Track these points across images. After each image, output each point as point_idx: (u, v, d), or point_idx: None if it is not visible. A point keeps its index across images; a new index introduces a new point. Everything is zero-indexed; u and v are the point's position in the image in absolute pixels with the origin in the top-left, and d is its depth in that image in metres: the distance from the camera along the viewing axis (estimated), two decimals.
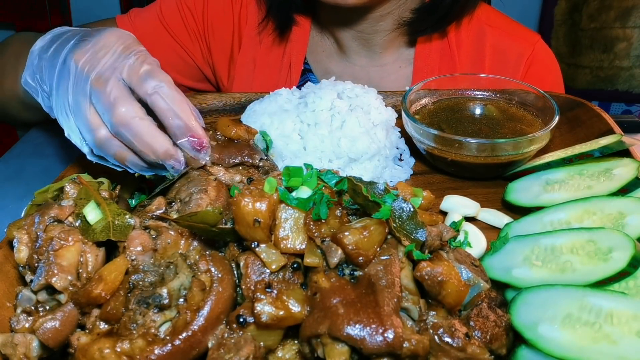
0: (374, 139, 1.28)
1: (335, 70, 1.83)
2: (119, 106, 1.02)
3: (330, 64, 1.83)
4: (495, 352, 0.82)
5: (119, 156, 1.07)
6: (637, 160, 1.15)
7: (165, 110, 1.03)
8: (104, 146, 1.06)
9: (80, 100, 1.06)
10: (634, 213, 0.99)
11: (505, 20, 1.86)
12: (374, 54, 1.81)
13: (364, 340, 0.73)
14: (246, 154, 1.11)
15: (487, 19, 1.79)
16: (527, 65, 1.77)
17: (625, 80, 3.67)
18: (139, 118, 1.03)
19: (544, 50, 1.82)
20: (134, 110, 1.03)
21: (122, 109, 1.02)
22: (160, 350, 0.76)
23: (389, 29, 1.74)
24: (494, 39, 1.78)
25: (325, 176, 0.95)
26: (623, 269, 0.86)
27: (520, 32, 1.82)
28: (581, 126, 1.43)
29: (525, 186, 1.22)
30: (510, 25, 1.85)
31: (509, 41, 1.78)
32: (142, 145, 1.03)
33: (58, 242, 0.87)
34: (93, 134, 1.05)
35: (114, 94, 1.03)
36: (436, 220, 0.99)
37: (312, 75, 1.84)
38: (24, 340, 0.82)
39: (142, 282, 0.83)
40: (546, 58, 1.83)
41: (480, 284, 0.90)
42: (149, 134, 1.03)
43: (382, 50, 1.80)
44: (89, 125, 1.05)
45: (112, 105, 1.02)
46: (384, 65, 1.83)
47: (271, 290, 0.80)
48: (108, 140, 1.06)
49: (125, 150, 1.06)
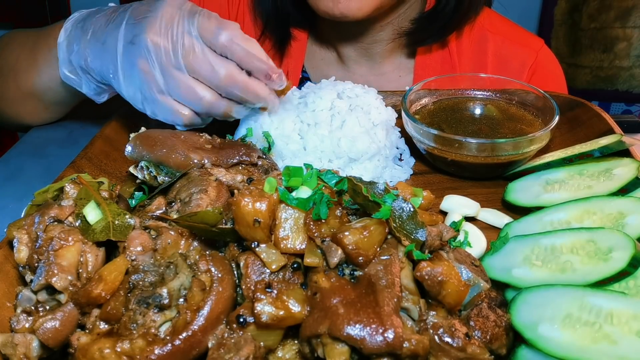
0: (374, 139, 1.28)
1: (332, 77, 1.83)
2: (221, 69, 1.14)
3: (329, 72, 1.81)
4: (495, 352, 0.82)
5: (226, 112, 1.21)
6: (637, 160, 1.15)
7: (246, 57, 1.15)
8: (214, 108, 1.18)
9: (176, 74, 1.15)
10: (634, 213, 0.99)
11: (508, 26, 1.83)
12: (374, 63, 1.80)
13: (364, 340, 0.73)
14: (243, 152, 1.12)
15: (489, 25, 1.77)
16: (530, 73, 1.75)
17: (625, 80, 3.67)
18: (238, 73, 1.15)
19: (547, 57, 1.80)
20: (233, 68, 1.15)
21: (224, 71, 1.14)
22: (161, 350, 0.76)
23: (388, 38, 1.73)
24: (496, 46, 1.76)
25: (325, 176, 0.95)
26: (623, 269, 0.86)
27: (523, 38, 1.79)
28: (581, 126, 1.43)
29: (525, 186, 1.22)
30: (513, 30, 1.82)
31: (511, 48, 1.76)
32: (250, 95, 1.17)
33: (58, 242, 0.87)
34: (201, 102, 1.16)
35: (209, 58, 1.13)
36: (436, 220, 0.99)
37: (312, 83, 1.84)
38: (24, 340, 0.82)
39: (142, 282, 0.83)
40: (549, 65, 1.81)
41: (480, 284, 0.90)
42: (252, 83, 1.17)
43: (381, 59, 1.79)
44: (196, 95, 1.16)
45: (215, 71, 1.13)
46: (384, 74, 1.81)
47: (271, 290, 0.79)
48: (217, 102, 1.18)
49: (231, 105, 1.20)
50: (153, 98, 1.18)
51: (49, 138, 1.59)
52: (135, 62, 1.15)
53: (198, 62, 1.14)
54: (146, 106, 1.21)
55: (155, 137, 1.13)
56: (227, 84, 1.15)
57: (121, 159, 1.32)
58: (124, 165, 1.29)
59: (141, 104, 1.21)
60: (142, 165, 1.15)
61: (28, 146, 1.57)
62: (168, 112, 1.20)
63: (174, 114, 1.20)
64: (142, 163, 1.14)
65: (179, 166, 1.08)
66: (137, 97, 1.20)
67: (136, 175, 1.16)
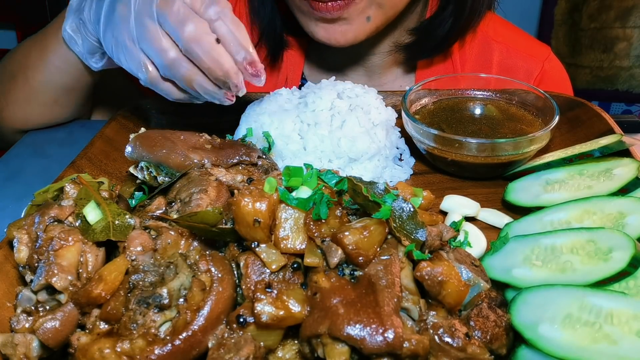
0: (374, 139, 1.28)
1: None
2: (189, 23, 1.07)
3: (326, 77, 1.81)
4: (495, 352, 0.82)
5: (187, 77, 1.12)
6: (637, 160, 1.15)
7: (228, 35, 1.09)
8: (174, 66, 1.11)
9: (147, 23, 1.10)
10: (634, 213, 0.99)
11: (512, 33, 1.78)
12: (373, 74, 1.78)
13: (364, 340, 0.73)
14: (243, 152, 1.12)
15: (494, 33, 1.73)
16: (536, 84, 1.71)
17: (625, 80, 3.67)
18: (207, 34, 1.08)
19: (553, 67, 1.76)
20: (202, 27, 1.08)
21: (192, 26, 1.07)
22: (161, 350, 0.76)
23: (387, 51, 1.70)
24: (501, 56, 1.72)
25: (325, 176, 0.95)
26: (623, 269, 0.86)
27: (529, 48, 1.75)
28: (581, 126, 1.43)
29: (525, 186, 1.22)
30: (518, 38, 1.78)
31: (516, 58, 1.72)
32: (212, 61, 1.08)
33: (58, 242, 0.87)
34: (163, 55, 1.10)
35: (182, 12, 1.08)
36: (436, 220, 0.99)
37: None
38: (24, 340, 0.82)
39: (142, 282, 0.83)
40: (556, 75, 1.78)
41: (480, 284, 0.90)
42: (217, 50, 1.09)
43: (381, 70, 1.77)
44: (160, 46, 1.10)
45: (182, 23, 1.07)
46: (384, 84, 1.79)
47: (271, 290, 0.80)
48: (177, 61, 1.11)
49: (193, 71, 1.11)
50: (124, 45, 1.14)
51: (49, 138, 1.59)
52: (116, 7, 1.15)
53: (170, 13, 1.09)
54: (118, 53, 1.17)
55: (155, 138, 1.13)
56: (191, 40, 1.08)
57: (121, 159, 1.32)
58: (124, 165, 1.29)
59: (114, 51, 1.19)
60: (142, 165, 1.15)
61: (28, 146, 1.57)
62: (134, 62, 1.16)
63: (139, 65, 1.15)
64: (142, 163, 1.15)
65: (178, 166, 1.08)
66: (112, 43, 1.18)
67: (136, 176, 1.16)
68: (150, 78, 1.16)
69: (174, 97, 1.22)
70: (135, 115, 1.55)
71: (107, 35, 1.20)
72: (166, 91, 1.20)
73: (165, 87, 1.19)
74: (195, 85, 1.14)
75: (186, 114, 1.60)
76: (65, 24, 1.37)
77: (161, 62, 1.12)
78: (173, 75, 1.14)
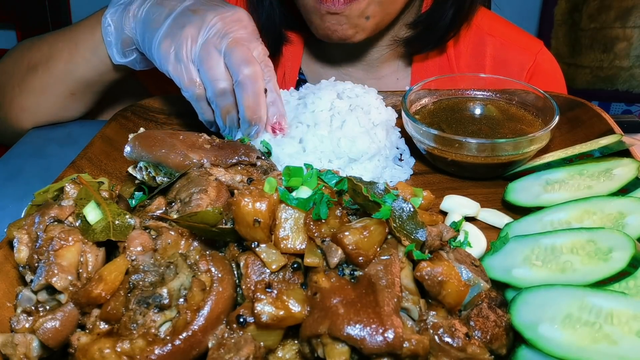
0: (374, 139, 1.28)
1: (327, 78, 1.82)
2: (252, 66, 1.23)
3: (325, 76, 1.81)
4: (495, 352, 0.82)
5: (227, 108, 1.28)
6: (637, 160, 1.15)
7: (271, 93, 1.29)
8: (222, 96, 1.26)
9: (213, 52, 1.25)
10: (634, 213, 0.99)
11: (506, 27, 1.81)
12: (371, 67, 1.80)
13: (364, 340, 0.73)
14: (242, 152, 1.12)
15: (488, 28, 1.75)
16: (529, 76, 1.74)
17: (625, 80, 3.67)
18: (262, 80, 1.25)
19: (546, 60, 1.78)
20: (261, 74, 1.25)
21: (254, 68, 1.22)
22: (161, 350, 0.76)
23: (385, 45, 1.72)
24: (495, 49, 1.74)
25: (325, 176, 0.95)
26: (623, 269, 0.86)
27: (522, 41, 1.78)
28: (581, 126, 1.43)
29: (525, 186, 1.22)
30: (512, 32, 1.80)
31: (510, 51, 1.74)
32: (254, 102, 1.23)
33: (58, 242, 0.87)
34: (217, 83, 1.25)
35: (251, 56, 1.24)
36: (436, 220, 0.99)
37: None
38: (24, 340, 0.82)
39: (142, 282, 0.83)
40: (548, 67, 1.80)
41: (480, 284, 0.90)
42: (263, 96, 1.25)
43: (379, 64, 1.79)
44: (219, 75, 1.24)
45: (246, 63, 1.22)
46: (381, 77, 1.81)
47: (271, 290, 0.79)
48: (227, 93, 1.26)
49: (233, 106, 1.27)
50: (182, 60, 1.26)
51: (49, 138, 1.59)
52: (186, 25, 1.26)
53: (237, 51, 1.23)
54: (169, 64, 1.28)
55: (155, 138, 1.13)
56: (249, 77, 1.22)
57: (121, 159, 1.32)
58: (124, 165, 1.29)
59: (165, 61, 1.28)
60: (141, 165, 1.15)
61: (28, 146, 1.57)
62: (187, 76, 1.27)
63: (191, 82, 1.27)
64: (141, 164, 1.14)
65: (178, 166, 1.08)
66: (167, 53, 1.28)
67: (135, 176, 1.16)
68: (197, 94, 1.29)
69: (206, 118, 1.35)
70: (135, 115, 1.55)
71: (165, 44, 1.29)
72: (203, 110, 1.33)
73: (204, 107, 1.32)
74: (228, 118, 1.29)
75: (186, 114, 1.60)
76: (108, 11, 1.43)
77: (213, 88, 1.25)
78: (217, 102, 1.27)
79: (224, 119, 1.30)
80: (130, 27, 1.39)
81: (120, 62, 1.47)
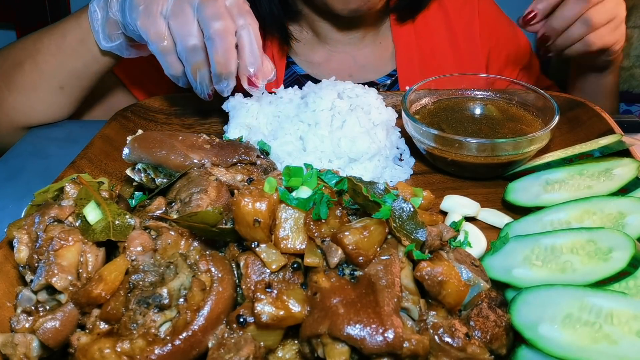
0: (374, 139, 1.28)
1: (318, 59, 1.85)
2: (222, 20, 1.22)
3: (313, 55, 1.85)
4: (495, 352, 0.82)
5: (196, 65, 1.27)
6: (637, 160, 1.15)
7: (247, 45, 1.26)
8: (192, 52, 1.25)
9: (186, 7, 1.24)
10: (634, 213, 0.99)
11: None
12: (355, 39, 1.84)
13: (364, 340, 0.73)
14: (242, 152, 1.12)
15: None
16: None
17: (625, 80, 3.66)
18: (232, 35, 1.24)
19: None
20: (231, 28, 1.23)
21: (223, 23, 1.22)
22: (161, 350, 0.76)
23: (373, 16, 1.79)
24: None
25: (325, 176, 0.96)
26: (623, 269, 0.86)
27: None
28: (581, 126, 1.43)
29: (525, 186, 1.22)
30: None
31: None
32: (223, 57, 1.23)
33: (58, 242, 0.87)
34: (188, 38, 1.24)
35: (222, 9, 1.23)
36: (436, 220, 0.99)
37: (296, 67, 1.85)
38: (24, 340, 0.82)
39: (142, 282, 0.83)
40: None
41: (480, 284, 0.90)
42: (232, 51, 1.24)
43: (363, 35, 1.84)
44: (189, 30, 1.24)
45: (216, 18, 1.21)
46: (366, 47, 1.87)
47: (271, 290, 0.79)
48: (197, 49, 1.25)
49: (204, 62, 1.27)
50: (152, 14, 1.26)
51: (49, 138, 1.59)
52: None
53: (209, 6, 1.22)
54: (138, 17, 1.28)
55: (154, 139, 1.13)
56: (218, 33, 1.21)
57: (121, 159, 1.31)
58: (124, 165, 1.29)
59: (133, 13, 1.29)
60: (139, 167, 1.15)
61: (28, 146, 1.57)
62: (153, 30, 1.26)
63: (158, 34, 1.26)
64: (139, 165, 1.14)
65: (178, 167, 1.08)
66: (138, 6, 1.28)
67: (133, 178, 1.16)
68: (163, 47, 1.27)
69: (172, 73, 1.34)
70: (135, 115, 1.55)
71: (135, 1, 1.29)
72: (169, 64, 1.31)
73: (170, 61, 1.30)
74: (199, 73, 1.29)
75: (186, 114, 1.60)
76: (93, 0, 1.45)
77: (183, 44, 1.25)
78: (186, 58, 1.27)
79: (194, 75, 1.30)
80: (114, 8, 1.39)
81: (106, 47, 1.47)
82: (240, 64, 1.27)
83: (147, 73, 1.78)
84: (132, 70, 1.78)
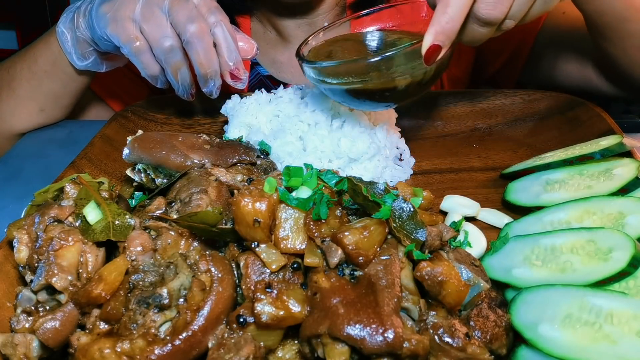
0: (374, 139, 1.28)
1: (281, 59, 1.83)
2: (197, 22, 1.22)
3: (276, 55, 1.83)
4: (495, 352, 0.82)
5: (176, 65, 1.28)
6: (637, 160, 1.15)
7: (223, 41, 1.26)
8: (170, 54, 1.26)
9: (156, 11, 1.24)
10: (634, 213, 0.99)
11: None
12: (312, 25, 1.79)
13: (364, 340, 0.73)
14: (242, 152, 1.13)
15: None
16: None
17: None
18: (209, 35, 1.24)
19: None
20: (206, 28, 1.24)
21: (198, 25, 1.22)
22: (161, 350, 0.76)
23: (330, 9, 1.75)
24: None
25: (325, 176, 0.96)
26: (623, 269, 0.86)
27: None
28: (581, 126, 1.43)
29: (525, 186, 1.22)
30: None
31: None
32: (205, 57, 1.24)
33: (58, 242, 0.87)
34: (163, 40, 1.25)
35: (194, 12, 1.24)
36: (436, 220, 0.99)
37: (260, 67, 1.83)
38: (24, 340, 0.82)
39: (142, 282, 0.83)
40: None
41: (480, 284, 0.90)
42: (212, 50, 1.26)
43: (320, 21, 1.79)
44: (164, 32, 1.25)
45: (191, 21, 1.22)
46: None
47: (271, 290, 0.80)
48: (175, 50, 1.26)
49: (183, 62, 1.28)
50: (121, 20, 1.26)
51: (49, 138, 1.59)
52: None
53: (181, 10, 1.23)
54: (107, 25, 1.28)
55: (154, 140, 1.13)
56: (196, 36, 1.22)
57: (121, 159, 1.32)
58: (124, 165, 1.29)
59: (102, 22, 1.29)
60: (139, 168, 1.15)
61: (28, 146, 1.57)
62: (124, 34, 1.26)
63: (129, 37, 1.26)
64: (139, 166, 1.14)
65: (179, 167, 1.09)
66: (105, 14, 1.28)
67: (133, 178, 1.16)
68: (136, 48, 1.27)
69: (148, 73, 1.32)
70: (135, 115, 1.55)
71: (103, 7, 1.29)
72: (145, 64, 1.30)
73: (145, 61, 1.29)
74: (180, 74, 1.30)
75: (186, 114, 1.60)
76: (60, 22, 1.44)
77: (160, 47, 1.25)
78: (165, 59, 1.27)
79: (175, 76, 1.30)
80: (82, 27, 1.39)
81: (82, 66, 1.47)
82: (221, 60, 1.27)
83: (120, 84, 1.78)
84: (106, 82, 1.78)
